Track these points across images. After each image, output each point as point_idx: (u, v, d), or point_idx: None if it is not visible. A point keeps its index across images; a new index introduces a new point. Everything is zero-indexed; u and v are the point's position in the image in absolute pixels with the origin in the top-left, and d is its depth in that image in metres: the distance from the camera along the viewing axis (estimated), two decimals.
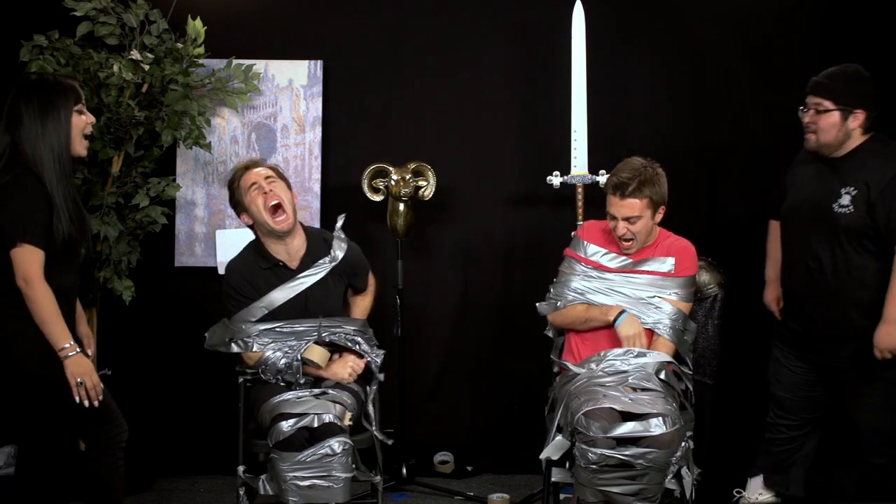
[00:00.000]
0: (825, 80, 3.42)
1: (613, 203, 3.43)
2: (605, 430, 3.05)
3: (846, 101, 3.35)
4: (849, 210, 3.27)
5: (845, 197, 3.29)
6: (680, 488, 3.22)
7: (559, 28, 4.30)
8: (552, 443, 3.26)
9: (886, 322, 3.22)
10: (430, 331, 4.67)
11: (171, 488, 4.33)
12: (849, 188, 3.30)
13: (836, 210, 3.30)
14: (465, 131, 4.65)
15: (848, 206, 3.27)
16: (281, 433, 3.15)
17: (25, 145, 2.99)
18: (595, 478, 3.05)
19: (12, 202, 2.96)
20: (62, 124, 3.04)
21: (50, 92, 3.05)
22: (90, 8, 4.11)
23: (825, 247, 3.39)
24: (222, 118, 4.57)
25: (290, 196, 3.55)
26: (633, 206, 3.39)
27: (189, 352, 4.50)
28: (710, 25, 4.61)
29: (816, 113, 3.38)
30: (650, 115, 4.64)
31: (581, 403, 3.14)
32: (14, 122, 3.02)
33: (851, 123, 3.35)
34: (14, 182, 2.97)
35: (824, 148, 3.39)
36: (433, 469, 4.51)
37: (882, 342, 3.23)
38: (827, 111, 3.35)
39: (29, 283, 2.92)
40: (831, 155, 3.38)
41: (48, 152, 3.00)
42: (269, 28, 4.61)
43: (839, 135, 3.35)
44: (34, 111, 3.01)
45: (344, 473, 3.16)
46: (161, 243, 4.44)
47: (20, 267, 2.92)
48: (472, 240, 4.68)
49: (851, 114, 3.34)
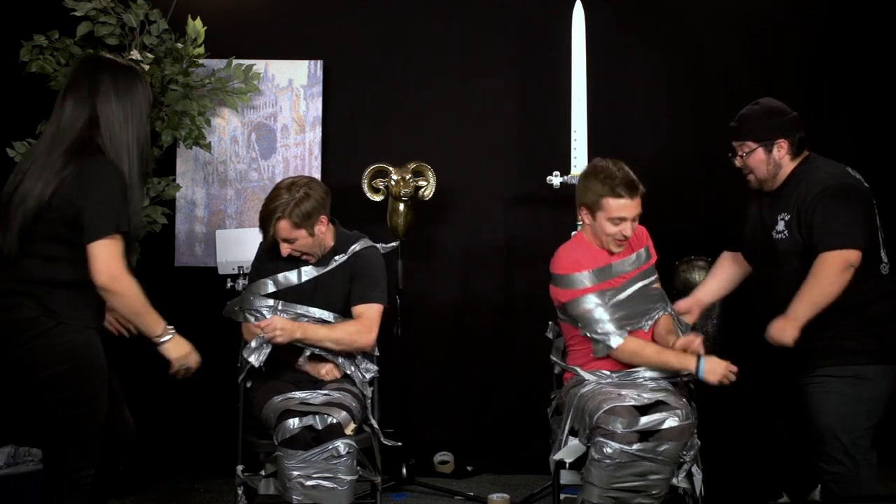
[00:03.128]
0: (739, 124, 3.49)
1: (623, 206, 3.36)
2: (627, 425, 3.07)
3: (765, 136, 3.41)
4: (784, 235, 3.35)
5: (780, 223, 3.37)
6: (690, 486, 3.23)
7: (559, 28, 4.30)
8: (567, 446, 3.26)
9: (786, 316, 3.24)
10: (430, 331, 4.67)
11: (171, 488, 4.33)
12: (783, 214, 3.37)
13: (774, 237, 3.37)
14: (465, 131, 4.65)
15: (783, 231, 3.35)
16: (287, 430, 3.14)
17: (110, 127, 2.72)
18: (608, 474, 3.06)
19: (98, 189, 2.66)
20: (145, 116, 2.80)
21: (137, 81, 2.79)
22: (90, 8, 4.11)
23: (769, 270, 3.46)
24: (222, 118, 4.57)
25: (311, 242, 3.42)
26: (639, 203, 3.40)
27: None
28: (710, 25, 4.61)
29: (743, 157, 3.44)
30: (650, 115, 4.65)
31: (600, 402, 3.15)
32: (101, 97, 2.72)
33: (777, 154, 3.41)
34: (97, 168, 2.68)
35: (764, 184, 3.47)
36: (433, 469, 4.51)
37: (773, 332, 3.25)
38: (752, 151, 3.40)
39: (115, 277, 2.66)
40: (773, 188, 3.44)
41: (133, 140, 2.75)
42: (269, 28, 4.62)
43: (770, 168, 3.42)
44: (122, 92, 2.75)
45: (349, 476, 3.17)
46: (161, 243, 4.44)
47: (105, 261, 2.64)
48: (472, 240, 4.68)
49: (774, 145, 3.40)
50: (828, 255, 3.21)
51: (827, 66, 4.57)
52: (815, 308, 3.22)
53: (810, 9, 4.57)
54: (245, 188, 4.60)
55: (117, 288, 2.68)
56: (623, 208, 3.37)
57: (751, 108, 3.50)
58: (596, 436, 3.10)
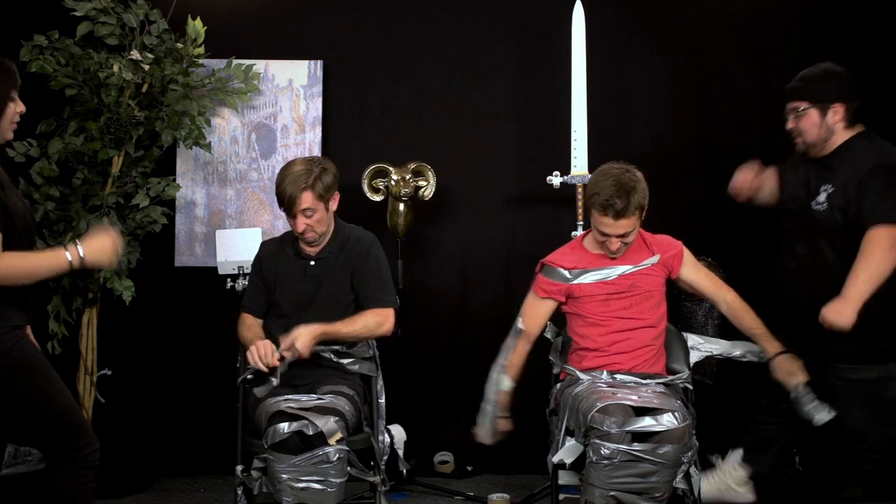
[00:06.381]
0: (798, 83, 3.40)
1: (605, 223, 3.33)
2: (621, 424, 3.05)
3: (822, 98, 3.32)
4: (823, 207, 3.27)
5: (822, 194, 3.29)
6: (688, 487, 3.22)
7: (559, 28, 4.30)
8: (566, 446, 3.25)
9: (843, 298, 3.14)
10: (430, 331, 4.67)
11: (171, 488, 4.33)
12: (826, 186, 3.29)
13: (813, 207, 3.30)
14: (465, 131, 4.65)
15: (823, 203, 3.27)
16: (277, 435, 3.14)
17: None
18: (607, 475, 3.05)
19: None
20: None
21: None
22: (90, 8, 4.11)
23: (801, 244, 3.39)
24: (222, 118, 4.57)
25: (325, 218, 3.46)
26: (625, 225, 3.33)
27: (189, 352, 4.52)
28: (710, 25, 4.61)
29: (796, 116, 3.37)
30: (650, 115, 4.65)
31: (593, 401, 3.14)
32: None
33: (831, 119, 3.33)
34: None
35: (811, 149, 3.37)
36: (433, 469, 4.51)
37: (829, 314, 3.14)
38: (805, 111, 3.34)
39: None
40: (819, 155, 3.37)
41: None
42: (269, 28, 4.62)
43: (822, 132, 3.33)
44: None
45: (339, 479, 3.18)
46: (161, 243, 4.44)
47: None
48: (472, 240, 4.68)
49: (830, 108, 3.32)
50: (878, 231, 3.12)
51: None
52: (872, 285, 3.11)
53: (810, 9, 4.57)
54: (245, 188, 4.60)
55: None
56: (604, 225, 3.34)
57: (812, 69, 3.39)
58: (591, 437, 3.09)
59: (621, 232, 3.34)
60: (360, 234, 3.59)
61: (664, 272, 3.48)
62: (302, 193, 3.36)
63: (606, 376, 3.38)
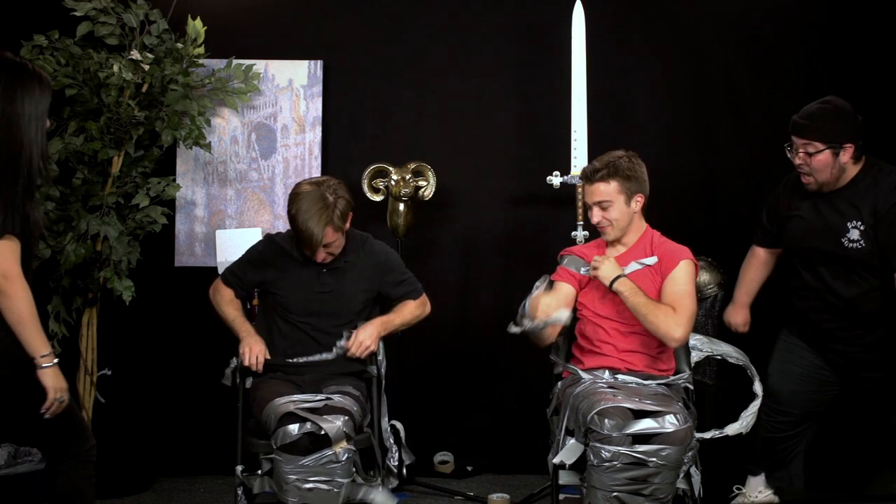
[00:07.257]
0: (808, 121, 3.42)
1: (586, 191, 3.48)
2: (620, 427, 3.05)
3: (834, 138, 3.36)
4: (860, 245, 3.31)
5: (854, 232, 3.32)
6: (688, 487, 3.22)
7: (559, 28, 4.30)
8: (566, 447, 3.24)
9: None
10: (430, 330, 4.65)
11: (171, 488, 4.33)
12: (855, 222, 3.33)
13: (846, 245, 3.34)
14: (465, 131, 4.65)
15: (858, 240, 3.31)
16: (288, 436, 3.14)
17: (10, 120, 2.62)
18: (609, 478, 3.05)
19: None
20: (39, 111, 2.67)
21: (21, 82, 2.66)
22: (90, 8, 4.11)
23: (841, 283, 3.45)
24: (222, 118, 4.57)
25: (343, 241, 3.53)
26: (602, 192, 3.41)
27: (189, 352, 4.52)
28: (710, 25, 4.61)
29: (807, 155, 3.39)
30: (650, 115, 4.64)
31: (593, 403, 3.14)
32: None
33: (843, 158, 3.38)
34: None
35: (824, 186, 3.43)
36: (433, 469, 4.51)
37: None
38: (818, 151, 3.36)
39: (8, 277, 2.58)
40: (830, 191, 3.41)
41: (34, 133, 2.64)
42: (269, 28, 4.62)
43: (834, 171, 3.39)
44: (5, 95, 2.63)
45: (345, 479, 3.19)
46: (161, 243, 4.44)
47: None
48: (472, 240, 4.68)
49: (841, 149, 3.36)
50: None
51: (827, 65, 4.56)
52: None
53: (810, 9, 4.57)
54: (245, 188, 4.60)
55: (8, 289, 2.58)
56: (585, 194, 3.48)
57: (821, 106, 3.43)
58: (591, 439, 3.09)
59: (598, 199, 3.41)
60: (363, 238, 3.66)
61: (661, 275, 3.48)
62: (324, 232, 3.40)
63: (608, 376, 3.38)
